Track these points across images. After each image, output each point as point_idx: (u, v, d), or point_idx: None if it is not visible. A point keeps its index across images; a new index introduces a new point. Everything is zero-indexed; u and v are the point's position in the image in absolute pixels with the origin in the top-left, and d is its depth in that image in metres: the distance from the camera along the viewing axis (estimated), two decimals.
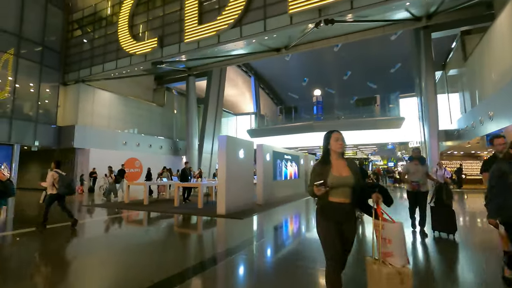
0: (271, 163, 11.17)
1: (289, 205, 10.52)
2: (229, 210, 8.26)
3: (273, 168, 11.30)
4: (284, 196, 12.10)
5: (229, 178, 8.37)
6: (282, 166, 12.17)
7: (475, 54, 13.49)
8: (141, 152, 19.77)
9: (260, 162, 10.55)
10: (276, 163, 11.62)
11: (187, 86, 22.17)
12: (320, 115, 26.16)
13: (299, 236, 5.98)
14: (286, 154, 12.72)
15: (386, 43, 29.11)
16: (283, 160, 12.26)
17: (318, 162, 2.47)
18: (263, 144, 10.67)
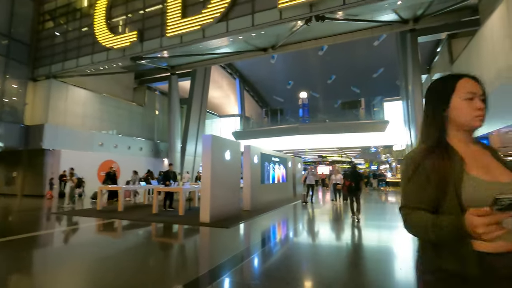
0: (259, 166, 10.35)
1: (278, 211, 9.71)
2: (213, 218, 7.32)
3: (261, 171, 10.48)
4: (272, 201, 11.29)
5: (214, 181, 7.45)
6: (270, 169, 11.37)
7: (462, 57, 13.32)
8: (119, 154, 18.37)
9: (247, 164, 9.69)
10: (264, 166, 10.81)
11: (169, 86, 20.99)
12: (306, 118, 25.68)
13: (294, 249, 5.16)
14: (274, 156, 11.94)
15: (369, 49, 29.25)
16: (271, 163, 11.47)
17: (423, 152, 1.07)
18: (250, 145, 9.82)
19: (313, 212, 9.70)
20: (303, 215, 9.17)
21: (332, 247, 5.30)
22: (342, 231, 6.68)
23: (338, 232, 6.62)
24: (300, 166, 15.93)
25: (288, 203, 11.54)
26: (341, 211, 9.67)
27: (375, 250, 5.09)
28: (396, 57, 26.07)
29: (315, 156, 31.96)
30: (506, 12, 9.29)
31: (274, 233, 6.67)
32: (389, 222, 8.00)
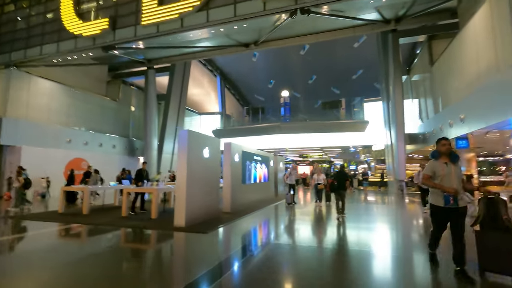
0: (240, 165, 9.65)
1: (260, 213, 9.07)
2: (189, 221, 6.54)
3: (242, 170, 9.79)
4: (254, 202, 10.64)
5: (190, 181, 6.66)
6: (252, 168, 10.71)
7: (442, 59, 13.37)
8: (89, 152, 16.96)
9: (227, 163, 8.97)
10: (246, 165, 10.13)
11: (146, 80, 19.78)
12: (287, 117, 25.26)
13: (280, 258, 4.52)
14: (256, 154, 11.29)
15: (349, 50, 29.43)
16: (252, 162, 10.81)
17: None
18: (231, 142, 9.10)
19: (296, 213, 9.15)
20: (287, 217, 8.59)
21: (322, 252, 4.73)
22: (329, 233, 6.16)
23: (326, 234, 6.08)
24: (282, 165, 15.42)
25: (270, 204, 10.94)
26: (325, 213, 9.20)
27: (367, 254, 4.59)
28: (375, 59, 26.34)
29: (296, 155, 31.72)
30: (489, 13, 9.24)
31: (257, 239, 6.01)
32: (376, 223, 7.62)
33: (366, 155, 24.75)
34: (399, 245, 5.56)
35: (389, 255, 4.68)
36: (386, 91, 17.59)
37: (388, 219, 8.56)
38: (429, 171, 3.67)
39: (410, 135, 16.31)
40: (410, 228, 7.17)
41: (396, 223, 7.89)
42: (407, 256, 4.67)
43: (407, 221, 8.13)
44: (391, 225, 7.52)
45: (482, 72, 9.70)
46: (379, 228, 7.04)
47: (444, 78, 13.06)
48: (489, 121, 8.81)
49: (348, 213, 8.32)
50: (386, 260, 4.44)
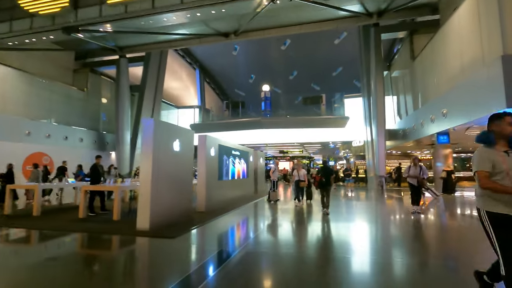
0: (217, 160, 8.78)
1: (238, 212, 8.28)
2: (155, 224, 5.62)
3: (219, 166, 8.92)
4: (231, 199, 9.82)
5: (157, 177, 5.73)
6: (230, 163, 9.86)
7: (424, 54, 13.11)
8: (52, 145, 15.33)
9: (202, 157, 8.07)
10: (223, 160, 9.27)
11: (117, 69, 18.25)
12: (268, 111, 24.56)
13: (262, 266, 3.75)
14: (234, 149, 10.45)
15: (330, 47, 29.20)
16: (230, 156, 9.96)
17: None
18: (207, 135, 8.20)
19: (278, 212, 8.44)
20: (267, 217, 7.85)
21: (307, 260, 4.01)
22: (316, 235, 5.48)
23: (312, 237, 5.40)
24: (262, 161, 14.68)
25: (249, 201, 10.17)
26: (309, 212, 8.56)
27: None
28: (355, 56, 26.20)
29: (276, 151, 31.18)
30: (476, 6, 8.92)
31: (233, 244, 5.20)
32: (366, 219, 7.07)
33: (346, 151, 24.60)
34: (386, 248, 4.98)
35: (379, 262, 4.04)
36: (367, 87, 17.30)
37: (378, 220, 8.07)
38: (486, 166, 2.24)
39: (389, 131, 16.11)
40: (400, 228, 6.67)
41: (384, 224, 7.39)
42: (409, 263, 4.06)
43: (393, 220, 7.66)
44: (382, 228, 7.00)
45: (466, 66, 9.40)
46: (367, 231, 6.48)
47: (426, 73, 12.82)
48: (473, 116, 8.51)
49: (335, 212, 7.74)
50: (375, 267, 3.80)
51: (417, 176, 7.49)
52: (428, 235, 5.68)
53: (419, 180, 7.54)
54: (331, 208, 7.83)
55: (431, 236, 5.63)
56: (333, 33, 27.13)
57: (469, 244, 4.96)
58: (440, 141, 11.18)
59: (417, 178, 7.51)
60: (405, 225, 6.60)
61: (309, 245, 4.92)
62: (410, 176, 7.57)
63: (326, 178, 7.83)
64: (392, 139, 16.36)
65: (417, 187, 7.61)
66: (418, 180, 7.52)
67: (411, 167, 7.60)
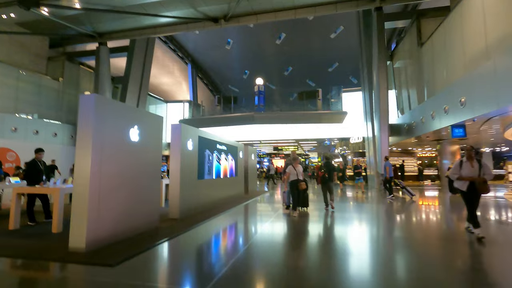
0: (196, 155, 7.07)
1: (223, 217, 6.59)
2: (97, 240, 3.91)
3: (199, 162, 7.21)
4: (216, 202, 8.13)
5: (100, 177, 4.01)
6: (213, 159, 8.16)
7: (435, 38, 11.54)
8: (20, 140, 13.44)
9: (176, 152, 6.35)
10: (205, 155, 7.56)
11: (97, 58, 16.39)
12: (261, 106, 22.87)
13: None
14: (220, 142, 8.74)
15: (326, 41, 27.69)
16: (214, 151, 8.25)
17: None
18: (181, 124, 6.47)
19: (269, 220, 6.77)
20: (261, 223, 6.17)
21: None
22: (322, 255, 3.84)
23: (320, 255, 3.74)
24: (254, 158, 12.99)
25: (237, 204, 8.48)
26: (314, 223, 6.90)
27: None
28: (352, 51, 24.76)
29: (270, 148, 29.55)
30: None
31: (211, 271, 3.49)
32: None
33: (343, 148, 23.06)
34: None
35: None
36: (368, 79, 15.71)
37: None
38: None
39: (392, 126, 14.57)
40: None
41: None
42: None
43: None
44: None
45: (492, 45, 7.85)
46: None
47: (436, 59, 11.26)
48: (502, 103, 6.95)
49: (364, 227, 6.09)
50: None
51: (475, 178, 4.53)
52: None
53: (477, 184, 4.50)
54: (347, 224, 6.19)
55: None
56: (329, 27, 25.61)
57: None
58: (454, 134, 9.63)
59: (474, 181, 4.52)
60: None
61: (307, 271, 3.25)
62: (463, 178, 4.63)
63: (329, 175, 7.57)
64: (394, 135, 14.82)
65: (473, 195, 4.60)
66: (477, 184, 4.50)
67: (464, 164, 4.69)
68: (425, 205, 8.93)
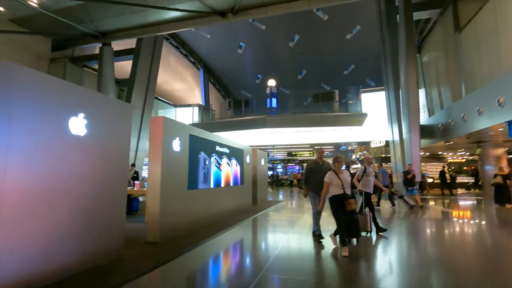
0: (186, 158, 5.42)
1: (221, 240, 4.86)
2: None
3: (191, 168, 5.55)
4: (213, 217, 6.42)
5: (21, 188, 2.44)
6: (211, 164, 6.49)
7: (481, 17, 9.44)
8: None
9: (156, 153, 4.72)
10: (198, 159, 5.91)
11: (100, 59, 15.38)
12: (274, 109, 21.18)
13: None
14: (221, 144, 7.08)
15: (341, 43, 25.87)
16: (213, 155, 6.59)
17: None
18: (164, 117, 4.86)
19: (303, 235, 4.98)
20: (280, 248, 4.40)
21: None
22: None
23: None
24: (264, 163, 11.21)
25: (243, 219, 6.73)
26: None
27: None
28: (369, 51, 22.82)
29: (284, 154, 27.69)
30: None
31: None
32: None
33: (364, 153, 20.84)
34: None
35: None
36: (393, 76, 13.67)
37: None
38: None
39: (422, 127, 12.41)
40: None
41: None
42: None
43: None
44: None
45: None
46: None
47: (484, 43, 9.15)
48: None
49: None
50: None
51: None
52: None
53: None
54: None
55: None
56: (345, 27, 23.84)
57: None
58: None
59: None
60: None
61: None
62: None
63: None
64: (425, 137, 12.65)
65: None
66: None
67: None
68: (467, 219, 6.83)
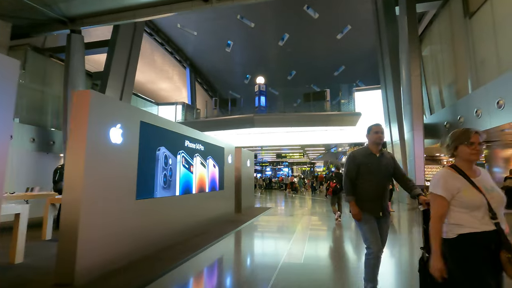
0: (135, 154, 3.72)
1: (185, 275, 3.18)
2: None
3: (141, 168, 3.85)
4: (177, 236, 4.70)
5: None
6: (177, 164, 4.79)
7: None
8: None
9: (78, 146, 3.03)
10: (156, 156, 4.20)
11: (67, 47, 13.45)
12: (263, 108, 19.65)
13: None
14: (191, 139, 5.38)
15: (331, 43, 24.78)
16: (180, 152, 4.90)
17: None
18: (91, 91, 3.16)
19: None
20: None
21: None
22: None
23: None
24: (250, 164, 9.52)
25: (222, 234, 5.03)
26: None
27: None
28: (359, 53, 21.93)
29: (273, 155, 26.15)
30: None
31: None
32: None
33: None
34: None
35: None
36: (392, 71, 12.35)
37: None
38: None
39: (425, 126, 11.08)
40: None
41: None
42: None
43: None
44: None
45: None
46: None
47: (502, 25, 7.84)
48: None
49: None
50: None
51: None
52: None
53: None
54: None
55: None
56: (335, 26, 22.74)
57: None
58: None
59: None
60: None
61: None
62: None
63: (340, 185, 6.79)
64: (428, 137, 11.34)
65: None
66: None
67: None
68: None
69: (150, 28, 21.63)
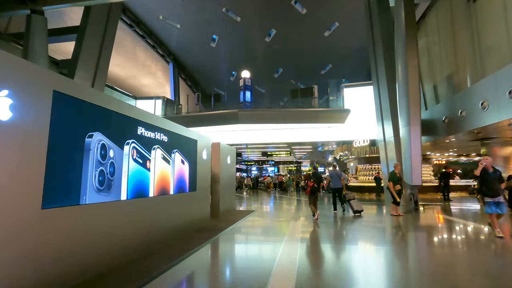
0: (44, 141, 2.40)
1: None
2: None
3: (53, 162, 2.54)
4: (119, 257, 3.40)
5: None
6: (124, 158, 3.49)
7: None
8: None
9: None
10: (84, 145, 2.89)
11: (27, 29, 11.71)
12: (248, 103, 18.41)
13: None
14: (147, 125, 4.07)
15: (319, 41, 23.92)
16: (129, 141, 3.60)
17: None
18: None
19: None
20: None
21: None
22: None
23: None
24: (231, 161, 8.22)
25: (188, 250, 3.75)
26: None
27: None
28: (347, 51, 21.19)
29: (258, 154, 24.97)
30: None
31: None
32: None
33: (345, 153, 18.60)
34: None
35: None
36: (385, 66, 11.41)
37: None
38: None
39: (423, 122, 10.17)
40: None
41: None
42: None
43: None
44: None
45: None
46: None
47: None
48: None
49: None
50: None
51: None
52: None
53: None
54: None
55: None
56: (323, 23, 21.89)
57: None
58: None
59: None
60: None
61: None
62: None
63: (318, 185, 7.13)
64: (423, 134, 10.47)
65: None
66: None
67: None
68: None
69: (130, 19, 19.91)
